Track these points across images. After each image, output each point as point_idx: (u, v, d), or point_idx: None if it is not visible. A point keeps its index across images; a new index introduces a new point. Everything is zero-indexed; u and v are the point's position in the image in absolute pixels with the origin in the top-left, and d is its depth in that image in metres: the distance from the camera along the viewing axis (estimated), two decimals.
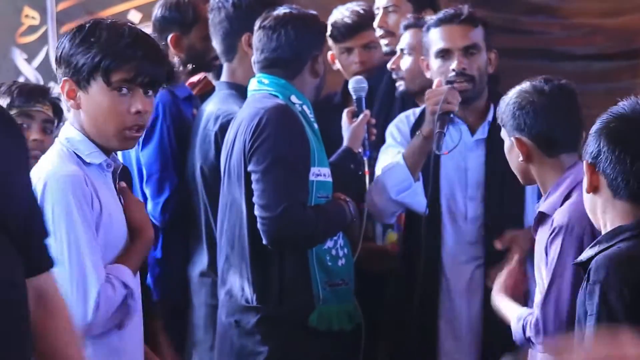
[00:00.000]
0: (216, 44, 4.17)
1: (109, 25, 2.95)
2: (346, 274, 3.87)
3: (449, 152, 3.88)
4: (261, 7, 3.98)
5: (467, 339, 3.96)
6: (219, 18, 4.13)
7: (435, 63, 3.99)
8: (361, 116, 4.13)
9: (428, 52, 4.03)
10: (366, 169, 4.15)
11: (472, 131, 4.02)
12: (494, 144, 3.87)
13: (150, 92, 3.01)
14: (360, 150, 4.12)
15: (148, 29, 4.63)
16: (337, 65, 4.72)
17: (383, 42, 4.60)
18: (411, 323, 3.96)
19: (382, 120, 4.39)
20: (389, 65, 4.40)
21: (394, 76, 4.38)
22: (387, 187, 3.97)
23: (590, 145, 2.67)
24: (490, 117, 3.98)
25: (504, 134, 3.28)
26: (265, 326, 3.78)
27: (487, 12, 4.87)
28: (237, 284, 3.83)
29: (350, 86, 4.25)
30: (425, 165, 3.97)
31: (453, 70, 3.92)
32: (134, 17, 5.63)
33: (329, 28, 4.61)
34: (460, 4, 4.09)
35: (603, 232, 2.70)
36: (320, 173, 3.80)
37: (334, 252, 3.83)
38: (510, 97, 3.24)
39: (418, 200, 3.97)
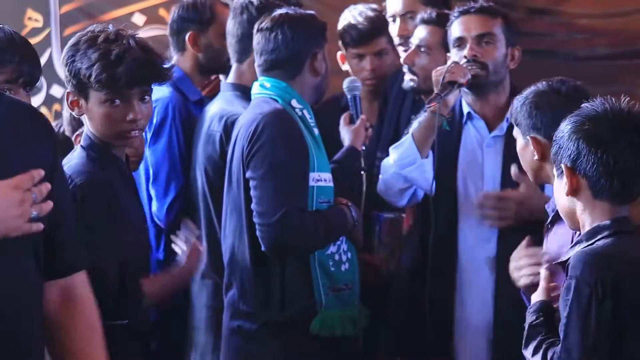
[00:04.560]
0: (230, 44, 4.16)
1: None
2: (350, 279, 3.88)
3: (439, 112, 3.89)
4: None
5: (480, 340, 3.97)
6: (240, 19, 4.12)
7: (453, 53, 4.03)
8: (359, 120, 4.16)
9: (450, 46, 4.07)
10: (362, 165, 4.15)
11: (491, 128, 4.04)
12: (512, 140, 3.89)
13: (29, 90, 3.09)
14: (363, 148, 4.13)
15: (153, 31, 4.67)
16: (346, 67, 4.73)
17: (402, 49, 4.54)
18: (425, 324, 3.97)
19: (394, 122, 4.41)
20: (402, 59, 4.38)
21: (404, 69, 4.34)
22: (393, 161, 3.99)
23: (567, 148, 2.73)
24: (509, 114, 4.00)
25: (516, 132, 3.32)
26: (267, 332, 3.80)
27: None
28: (239, 289, 3.84)
29: (344, 86, 4.29)
30: (442, 160, 3.98)
31: (465, 57, 3.96)
32: (138, 19, 5.63)
33: (341, 31, 4.64)
34: (470, 3, 4.11)
35: (582, 232, 2.77)
36: (321, 178, 3.80)
37: (337, 257, 3.84)
38: (526, 97, 3.28)
39: (424, 177, 3.96)
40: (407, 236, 4.24)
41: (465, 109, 4.06)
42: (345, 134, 4.18)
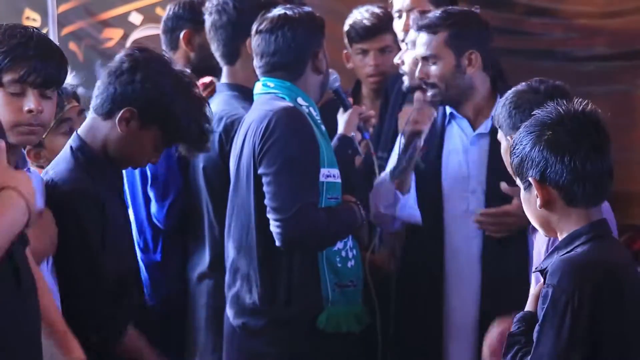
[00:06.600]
0: (216, 48, 4.14)
1: (6, 27, 2.97)
2: (355, 276, 3.88)
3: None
4: (264, 10, 3.97)
5: (469, 339, 3.96)
6: (221, 22, 4.10)
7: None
8: (351, 109, 4.15)
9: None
10: (372, 151, 4.19)
11: (474, 126, 4.03)
12: (497, 138, 3.93)
13: (49, 93, 2.99)
14: (353, 134, 4.09)
15: (150, 30, 4.66)
16: (351, 65, 4.74)
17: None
18: (417, 326, 3.97)
19: (394, 123, 4.42)
20: (395, 59, 4.40)
21: (400, 71, 4.37)
22: (375, 201, 4.03)
23: (532, 160, 2.67)
24: (494, 111, 4.01)
25: (500, 135, 3.30)
26: (273, 328, 3.79)
27: (489, 13, 4.88)
28: (245, 287, 3.83)
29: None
30: (426, 161, 4.01)
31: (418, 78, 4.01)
32: (135, 19, 5.63)
33: (348, 29, 4.65)
34: (475, 3, 4.09)
35: (560, 239, 2.72)
36: (330, 174, 3.80)
37: (343, 253, 3.84)
38: (506, 98, 3.28)
39: (408, 212, 4.01)
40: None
41: (448, 109, 4.06)
42: (339, 124, 4.18)
